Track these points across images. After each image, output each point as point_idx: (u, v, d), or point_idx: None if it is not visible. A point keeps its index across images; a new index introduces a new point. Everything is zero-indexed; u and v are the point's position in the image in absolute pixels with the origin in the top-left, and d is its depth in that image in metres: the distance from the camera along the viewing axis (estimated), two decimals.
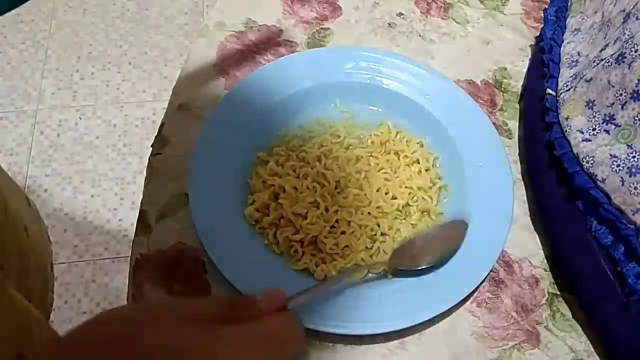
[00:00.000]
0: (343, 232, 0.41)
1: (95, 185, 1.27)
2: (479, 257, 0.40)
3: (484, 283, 0.41)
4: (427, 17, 0.56)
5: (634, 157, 0.36)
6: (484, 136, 0.46)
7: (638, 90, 0.36)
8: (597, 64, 0.39)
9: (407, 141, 0.46)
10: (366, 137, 0.46)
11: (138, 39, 1.50)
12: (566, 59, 0.45)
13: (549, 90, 0.44)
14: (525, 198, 0.46)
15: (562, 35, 0.48)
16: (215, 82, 0.50)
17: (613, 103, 0.37)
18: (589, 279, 0.38)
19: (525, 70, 0.53)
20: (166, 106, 0.49)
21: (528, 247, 0.43)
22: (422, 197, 0.43)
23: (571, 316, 0.40)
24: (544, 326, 0.40)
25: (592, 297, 0.38)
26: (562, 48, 0.47)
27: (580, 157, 0.39)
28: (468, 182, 0.44)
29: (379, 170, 0.44)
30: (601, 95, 0.38)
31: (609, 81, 0.38)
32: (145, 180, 0.45)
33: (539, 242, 0.44)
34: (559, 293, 0.41)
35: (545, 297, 0.41)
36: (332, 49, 0.52)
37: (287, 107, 0.47)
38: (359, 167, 0.44)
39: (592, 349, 0.39)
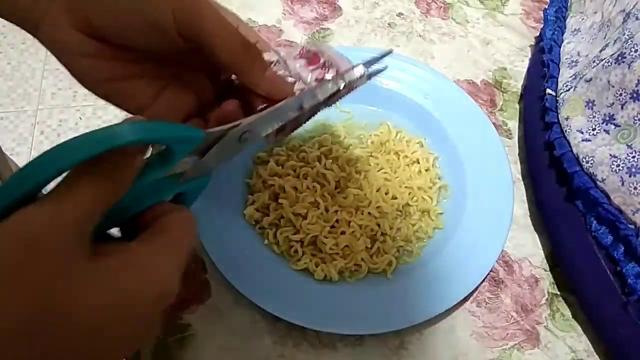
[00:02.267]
0: (343, 232, 0.41)
1: None
2: (479, 257, 0.40)
3: (484, 283, 0.41)
4: (427, 17, 0.56)
5: (633, 157, 0.36)
6: (484, 136, 0.46)
7: (638, 90, 0.36)
8: (597, 64, 0.39)
9: (407, 141, 0.46)
10: (366, 137, 0.46)
11: None
12: (566, 59, 0.45)
13: (548, 90, 0.44)
14: (525, 198, 0.46)
15: (562, 35, 0.48)
16: None
17: (613, 103, 0.37)
18: (589, 279, 0.38)
19: (525, 70, 0.53)
20: None
21: (528, 247, 0.43)
22: (422, 197, 0.43)
23: (571, 316, 0.40)
24: (544, 326, 0.40)
25: (592, 297, 0.38)
26: (562, 48, 0.47)
27: (580, 157, 0.39)
28: (468, 182, 0.44)
29: (379, 170, 0.44)
30: (601, 95, 0.38)
31: (608, 81, 0.38)
32: None
33: (539, 242, 0.44)
34: (558, 293, 0.41)
35: (545, 297, 0.41)
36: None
37: None
38: (359, 167, 0.44)
39: (592, 349, 0.39)
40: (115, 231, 0.25)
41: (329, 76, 0.32)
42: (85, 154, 0.19)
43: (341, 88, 0.31)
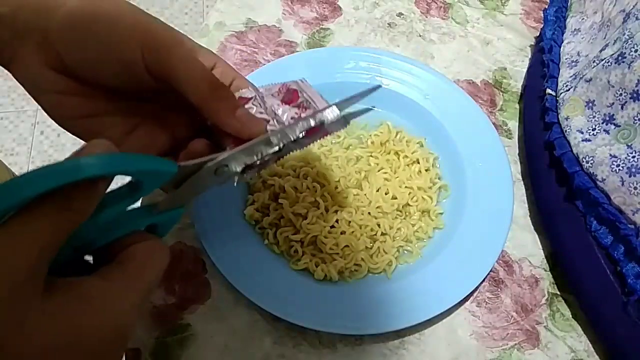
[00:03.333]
0: (343, 232, 0.41)
1: None
2: (479, 257, 0.40)
3: (484, 283, 0.41)
4: (427, 17, 0.56)
5: (633, 157, 0.36)
6: (484, 136, 0.46)
7: (638, 90, 0.36)
8: (597, 64, 0.39)
9: (407, 141, 0.46)
10: (366, 137, 0.46)
11: None
12: (566, 59, 0.45)
13: (548, 90, 0.44)
14: (525, 198, 0.46)
15: (562, 35, 0.48)
16: None
17: (613, 103, 0.37)
18: (589, 279, 0.38)
19: (525, 70, 0.53)
20: None
21: (528, 247, 0.43)
22: (422, 197, 0.43)
23: (571, 316, 0.40)
24: (544, 326, 0.40)
25: (592, 297, 0.38)
26: (562, 48, 0.47)
27: (580, 157, 0.39)
28: (468, 182, 0.44)
29: (379, 170, 0.44)
30: (601, 95, 0.38)
31: (608, 81, 0.38)
32: None
33: (539, 242, 0.44)
34: (558, 293, 0.41)
35: (545, 297, 0.41)
36: (332, 49, 0.52)
37: None
38: (359, 167, 0.44)
39: (592, 349, 0.39)
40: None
41: (304, 116, 0.31)
42: (46, 186, 0.19)
43: (313, 125, 0.30)
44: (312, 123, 0.30)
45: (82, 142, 0.23)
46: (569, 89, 0.42)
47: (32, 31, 0.27)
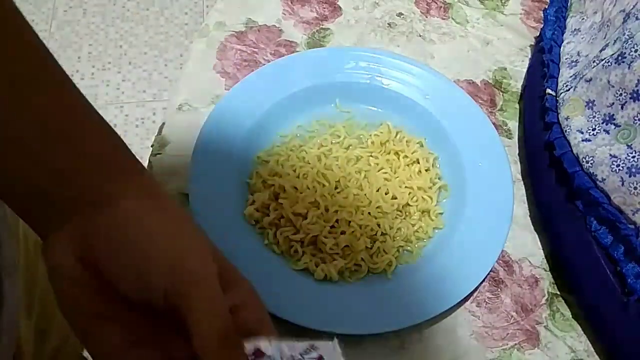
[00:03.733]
0: (343, 232, 0.41)
1: None
2: (479, 257, 0.40)
3: (483, 283, 0.41)
4: (427, 17, 0.56)
5: (633, 157, 0.36)
6: (484, 136, 0.46)
7: (638, 90, 0.36)
8: (597, 64, 0.39)
9: (407, 141, 0.46)
10: (366, 137, 0.46)
11: (138, 39, 1.50)
12: (566, 59, 0.45)
13: (548, 90, 0.44)
14: (525, 198, 0.46)
15: (562, 35, 0.48)
16: (215, 82, 0.50)
17: (613, 103, 0.38)
18: (589, 279, 0.38)
19: (525, 70, 0.53)
20: (166, 106, 0.49)
21: (528, 247, 0.43)
22: (422, 197, 0.43)
23: (571, 316, 0.40)
24: (544, 326, 0.40)
25: (592, 297, 0.38)
26: (561, 48, 0.47)
27: (580, 157, 0.39)
28: (468, 182, 0.44)
29: (379, 170, 0.44)
30: (601, 95, 0.38)
31: (608, 81, 0.38)
32: None
33: (539, 242, 0.44)
34: (558, 293, 0.41)
35: (545, 297, 0.41)
36: (332, 49, 0.52)
37: (287, 107, 0.47)
38: (359, 167, 0.44)
39: (592, 349, 0.39)
40: None
41: None
42: None
43: None
44: None
45: None
46: (569, 89, 0.42)
47: (73, 219, 0.27)
